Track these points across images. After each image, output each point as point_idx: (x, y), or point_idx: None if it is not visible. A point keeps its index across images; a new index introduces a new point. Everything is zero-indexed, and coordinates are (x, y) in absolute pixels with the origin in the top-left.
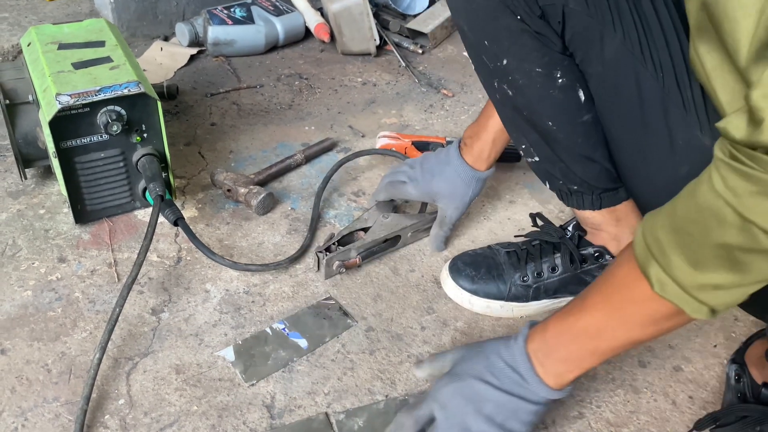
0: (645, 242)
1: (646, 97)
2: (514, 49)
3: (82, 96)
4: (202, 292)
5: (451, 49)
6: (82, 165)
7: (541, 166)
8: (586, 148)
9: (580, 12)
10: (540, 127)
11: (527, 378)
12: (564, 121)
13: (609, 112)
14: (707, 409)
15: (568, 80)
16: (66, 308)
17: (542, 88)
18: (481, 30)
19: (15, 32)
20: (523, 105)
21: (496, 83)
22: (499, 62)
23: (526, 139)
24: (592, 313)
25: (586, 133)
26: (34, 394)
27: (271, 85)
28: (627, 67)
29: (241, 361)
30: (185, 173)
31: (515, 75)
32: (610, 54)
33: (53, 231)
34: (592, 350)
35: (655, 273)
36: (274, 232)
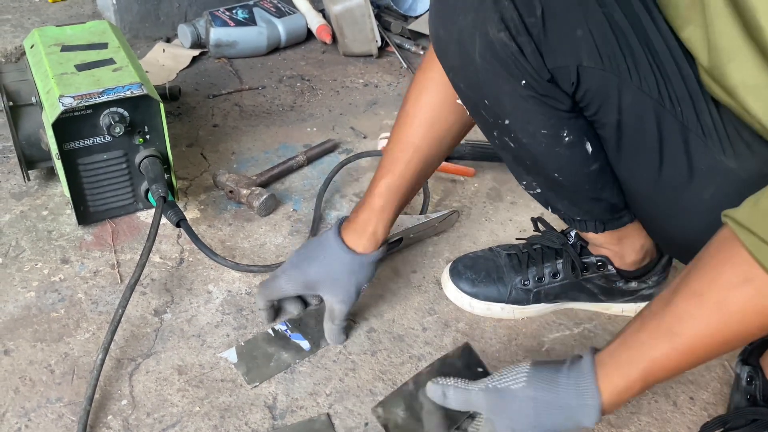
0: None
1: (666, 135)
2: (518, 113)
3: (85, 98)
4: (204, 293)
5: None
6: (85, 166)
7: (542, 197)
8: (594, 192)
9: (594, 68)
10: (545, 174)
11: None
12: (570, 172)
13: (623, 154)
14: (708, 410)
15: (575, 137)
16: (69, 309)
17: (548, 147)
18: (481, 91)
19: (18, 34)
20: (528, 157)
21: (496, 133)
22: (500, 120)
23: (530, 177)
24: (676, 310)
25: (593, 181)
26: (37, 394)
27: (273, 86)
28: (646, 111)
29: (243, 363)
30: (187, 174)
31: (518, 134)
32: (627, 102)
33: (56, 232)
34: (667, 352)
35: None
36: (276, 233)
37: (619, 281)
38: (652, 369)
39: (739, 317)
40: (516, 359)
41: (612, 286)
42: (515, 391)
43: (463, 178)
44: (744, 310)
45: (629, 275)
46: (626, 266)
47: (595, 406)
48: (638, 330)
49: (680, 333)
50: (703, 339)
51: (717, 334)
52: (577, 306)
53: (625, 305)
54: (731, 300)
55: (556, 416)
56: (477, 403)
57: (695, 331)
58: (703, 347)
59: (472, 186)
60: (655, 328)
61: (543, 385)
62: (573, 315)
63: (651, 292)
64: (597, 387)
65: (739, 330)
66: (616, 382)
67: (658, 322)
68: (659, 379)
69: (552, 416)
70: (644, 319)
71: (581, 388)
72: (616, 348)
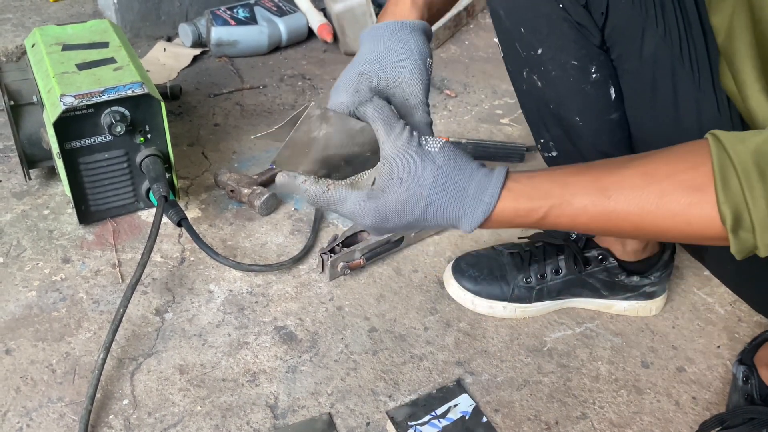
0: (734, 166)
1: (681, 96)
2: (552, 39)
3: (86, 97)
4: (205, 293)
5: (454, 49)
6: (86, 166)
7: (557, 162)
8: (609, 146)
9: (624, 4)
10: (566, 121)
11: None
12: (592, 117)
13: (641, 109)
14: (710, 410)
15: (602, 76)
16: (70, 308)
17: (575, 82)
18: (519, 16)
19: (19, 33)
20: (552, 98)
21: (526, 73)
22: (533, 51)
23: (549, 133)
24: (622, 174)
25: (612, 131)
26: (38, 394)
27: (274, 85)
28: (665, 65)
29: None
30: (189, 174)
31: (549, 66)
32: (649, 50)
33: (57, 231)
34: (593, 191)
35: (736, 208)
36: (277, 232)
37: (621, 274)
38: (561, 210)
39: (669, 215)
40: (518, 359)
41: (614, 280)
42: (427, 152)
43: None
44: (677, 211)
45: (631, 268)
46: (627, 255)
47: (489, 204)
48: (571, 173)
49: (611, 197)
50: (626, 214)
51: (640, 217)
52: (579, 303)
53: (627, 303)
54: (675, 196)
55: (449, 194)
56: (396, 131)
57: (625, 203)
58: (619, 221)
59: None
60: (592, 180)
61: (452, 161)
62: (575, 314)
63: (654, 289)
64: (500, 191)
65: (659, 225)
66: (520, 200)
67: (596, 177)
68: (559, 223)
69: (445, 191)
70: (582, 169)
71: (485, 183)
72: (538, 175)
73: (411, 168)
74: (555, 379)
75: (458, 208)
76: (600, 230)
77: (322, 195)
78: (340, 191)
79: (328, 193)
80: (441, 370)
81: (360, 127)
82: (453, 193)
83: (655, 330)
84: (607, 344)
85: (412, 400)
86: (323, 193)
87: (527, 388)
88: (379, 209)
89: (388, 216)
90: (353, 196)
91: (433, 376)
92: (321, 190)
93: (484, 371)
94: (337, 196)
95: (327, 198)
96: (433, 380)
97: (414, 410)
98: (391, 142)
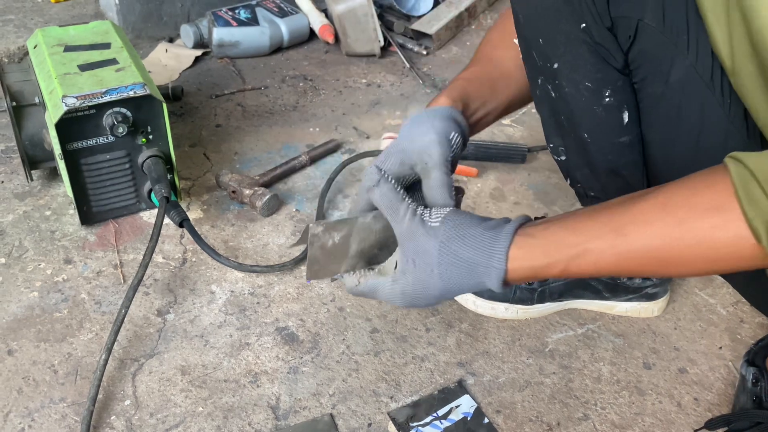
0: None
1: (708, 123)
2: (568, 57)
3: (88, 98)
4: (207, 294)
5: (455, 50)
6: (88, 167)
7: (565, 165)
8: (616, 164)
9: (654, 29)
10: (575, 134)
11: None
12: (600, 137)
13: (663, 132)
14: (713, 411)
15: (616, 101)
16: (72, 309)
17: (587, 102)
18: (539, 27)
19: (21, 34)
20: (563, 110)
21: (540, 81)
22: (549, 63)
23: (560, 139)
24: (634, 212)
25: (620, 153)
26: (40, 394)
27: (276, 86)
28: (693, 92)
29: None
30: (190, 175)
31: (562, 81)
32: (677, 76)
33: (59, 232)
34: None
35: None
36: (278, 233)
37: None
38: (581, 259)
39: (693, 242)
40: (520, 360)
41: (616, 282)
42: (429, 228)
43: (466, 179)
44: (701, 237)
45: None
46: None
47: (499, 270)
48: (584, 217)
49: (628, 234)
50: (646, 250)
51: (661, 251)
52: (581, 305)
53: (628, 304)
54: (695, 222)
55: (457, 268)
56: (400, 213)
57: (644, 239)
58: (641, 258)
59: (476, 186)
60: (606, 221)
61: (453, 232)
62: (577, 315)
63: (656, 290)
64: (506, 253)
65: (683, 255)
66: (536, 256)
67: (611, 216)
68: (581, 271)
69: (452, 267)
70: (596, 210)
71: (490, 249)
72: (552, 224)
73: (418, 248)
74: (557, 380)
75: (472, 278)
76: (626, 272)
77: (356, 288)
78: (370, 281)
79: (360, 285)
80: (442, 371)
81: (371, 217)
82: (460, 266)
83: (656, 331)
84: (609, 345)
85: (413, 401)
86: (356, 286)
87: (529, 389)
88: (406, 291)
89: (415, 296)
90: (381, 283)
91: (434, 377)
92: (354, 283)
93: (485, 372)
94: (369, 286)
95: (362, 290)
96: (435, 381)
97: (415, 411)
98: (398, 224)
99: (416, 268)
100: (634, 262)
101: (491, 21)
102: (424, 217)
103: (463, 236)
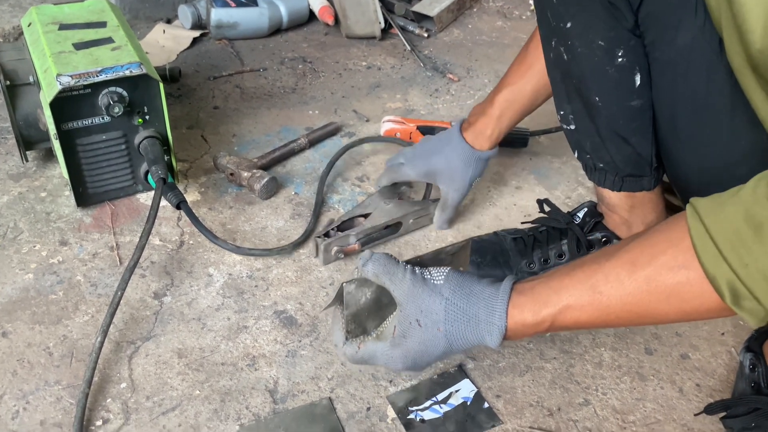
0: (711, 236)
1: (715, 91)
2: (582, 16)
3: (83, 77)
4: (204, 276)
5: (457, 33)
6: (83, 147)
7: (574, 135)
8: (626, 130)
9: None
10: (586, 98)
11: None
12: (612, 101)
13: (670, 98)
14: (714, 397)
15: (628, 61)
16: (67, 291)
17: (599, 62)
18: None
19: (16, 13)
20: (575, 73)
21: (554, 42)
22: (562, 23)
23: (570, 105)
24: (607, 269)
25: (631, 117)
26: (35, 377)
27: (275, 68)
28: (701, 58)
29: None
30: (188, 157)
31: (575, 41)
32: (684, 40)
33: (55, 214)
34: (585, 302)
35: (728, 279)
36: (277, 216)
37: None
38: (564, 316)
39: (662, 297)
40: (520, 345)
41: None
42: (434, 286)
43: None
44: (669, 292)
45: None
46: None
47: (500, 326)
48: (565, 275)
49: (603, 292)
50: (621, 305)
51: (636, 306)
52: None
53: None
54: (662, 279)
55: (463, 324)
56: (399, 275)
57: (617, 296)
58: (618, 312)
59: None
60: (582, 279)
61: (458, 290)
62: None
63: None
64: (506, 310)
65: (657, 309)
66: (526, 314)
67: (587, 275)
68: (567, 326)
69: (459, 323)
70: (575, 268)
71: (492, 305)
72: (538, 284)
73: (423, 307)
74: (557, 365)
75: (475, 334)
76: (607, 324)
77: (356, 355)
78: (369, 347)
79: (359, 352)
80: None
81: (355, 286)
82: (466, 322)
83: None
84: (610, 331)
85: (412, 385)
86: (356, 353)
87: (529, 374)
88: (406, 355)
89: (416, 359)
90: (380, 348)
91: None
92: (353, 350)
93: (485, 357)
94: (368, 353)
95: (361, 356)
96: (434, 366)
97: (415, 395)
98: (398, 288)
99: (422, 327)
100: (612, 317)
101: (493, 4)
102: (425, 275)
103: (468, 294)
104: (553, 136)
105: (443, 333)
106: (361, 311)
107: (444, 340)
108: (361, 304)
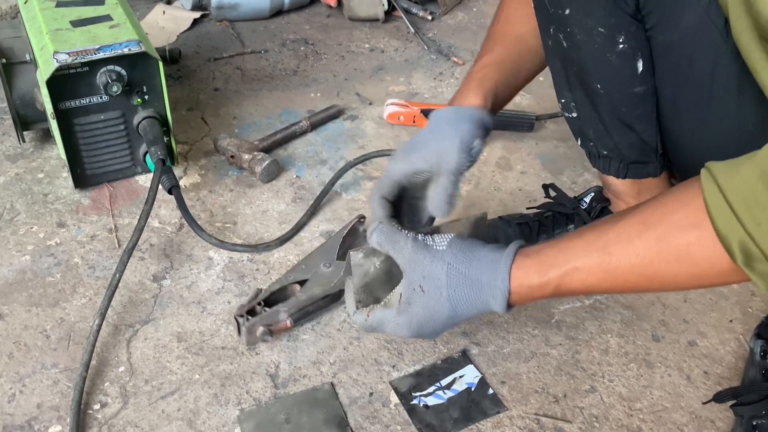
0: (726, 198)
1: (721, 74)
2: (581, 2)
3: (81, 54)
4: (205, 260)
5: (461, 15)
6: (81, 127)
7: (576, 123)
8: (629, 117)
9: None
10: (587, 86)
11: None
12: (614, 88)
13: (674, 83)
14: (722, 384)
15: (630, 48)
16: (65, 274)
17: (600, 49)
18: None
19: None
20: (576, 61)
21: (552, 30)
22: (560, 10)
23: (571, 94)
24: (618, 231)
25: (634, 104)
26: (32, 360)
27: (276, 50)
28: (706, 40)
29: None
30: (188, 139)
31: (574, 28)
32: (689, 23)
33: (52, 195)
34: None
35: (740, 239)
36: (278, 199)
37: None
38: (571, 277)
39: (672, 258)
40: (525, 330)
41: None
42: (435, 252)
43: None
44: (679, 253)
45: None
46: None
47: (503, 289)
48: (575, 236)
49: (612, 253)
50: (630, 267)
51: (645, 268)
52: None
53: None
54: (672, 239)
55: (466, 288)
56: (401, 243)
57: (626, 257)
58: (626, 275)
59: (482, 155)
60: (592, 240)
61: (460, 254)
62: None
63: None
64: (509, 272)
65: (666, 271)
66: (531, 276)
67: (597, 236)
68: (574, 290)
69: (461, 287)
70: (585, 230)
71: (495, 268)
72: (546, 246)
73: (425, 272)
74: (563, 351)
75: (479, 298)
76: (615, 289)
77: (366, 323)
78: (377, 315)
79: (368, 320)
80: (446, 340)
81: (362, 255)
82: (468, 287)
83: (666, 303)
84: (617, 317)
85: (416, 371)
86: (365, 321)
87: (534, 360)
88: (411, 321)
89: (421, 325)
90: (387, 315)
91: (438, 347)
92: (362, 318)
93: (490, 342)
94: (376, 320)
95: (370, 324)
96: (438, 351)
97: (418, 381)
98: (401, 255)
99: (424, 294)
100: (620, 279)
101: None
102: (428, 242)
103: (470, 258)
104: (559, 121)
105: (446, 298)
106: (372, 281)
107: (447, 304)
108: (371, 273)
